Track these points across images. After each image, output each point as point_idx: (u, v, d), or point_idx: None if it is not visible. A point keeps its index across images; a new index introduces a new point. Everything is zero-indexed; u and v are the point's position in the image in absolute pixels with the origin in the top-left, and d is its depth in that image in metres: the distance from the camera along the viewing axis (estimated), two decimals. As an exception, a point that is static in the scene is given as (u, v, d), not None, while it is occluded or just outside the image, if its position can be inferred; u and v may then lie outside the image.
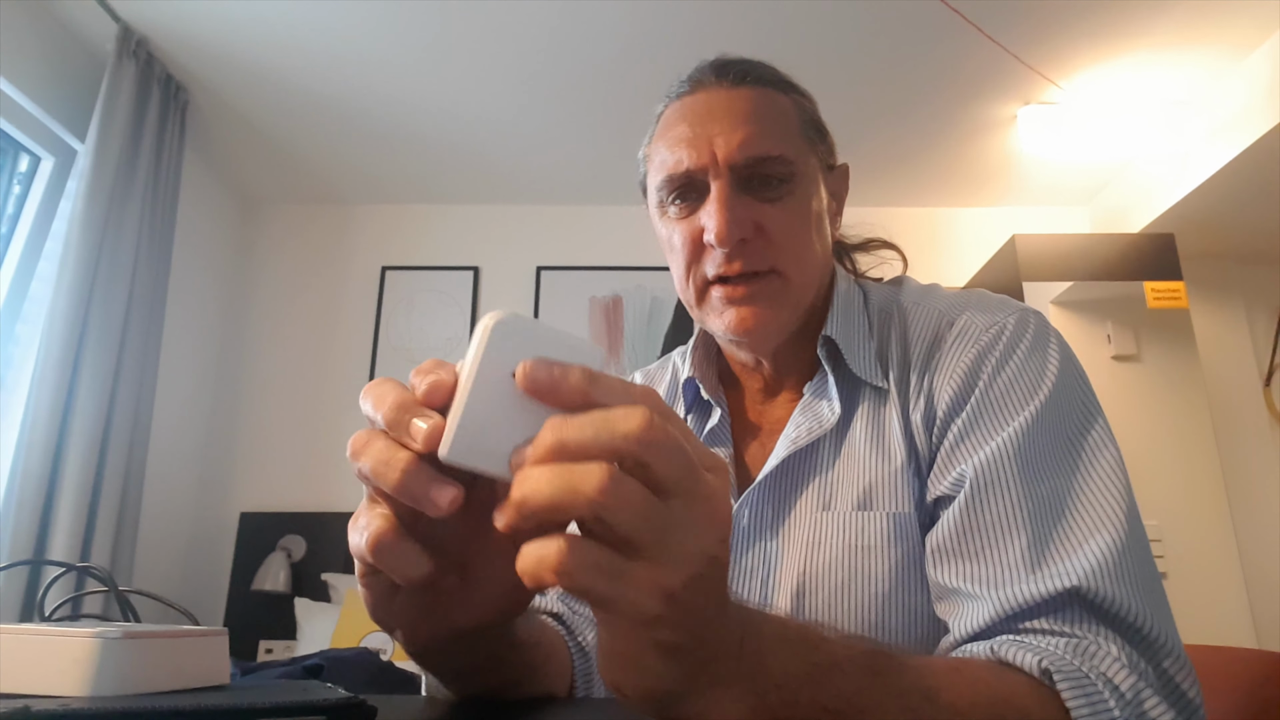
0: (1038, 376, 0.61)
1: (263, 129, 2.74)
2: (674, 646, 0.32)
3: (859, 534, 0.64)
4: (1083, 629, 0.50)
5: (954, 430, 0.62)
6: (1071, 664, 0.46)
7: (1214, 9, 2.13)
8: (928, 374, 0.67)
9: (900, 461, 0.65)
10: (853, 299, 0.75)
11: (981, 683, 0.44)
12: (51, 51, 2.17)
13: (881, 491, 0.65)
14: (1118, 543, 0.52)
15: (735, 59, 0.74)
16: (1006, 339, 0.64)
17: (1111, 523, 0.53)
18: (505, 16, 2.21)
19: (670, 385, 0.85)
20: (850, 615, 0.62)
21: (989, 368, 0.63)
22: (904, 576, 0.62)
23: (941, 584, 0.58)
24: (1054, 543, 0.53)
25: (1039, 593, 0.51)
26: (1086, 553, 0.52)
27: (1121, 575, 0.51)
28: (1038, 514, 0.55)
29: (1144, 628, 0.49)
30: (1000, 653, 0.48)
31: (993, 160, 2.90)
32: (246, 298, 3.12)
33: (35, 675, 0.39)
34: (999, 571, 0.54)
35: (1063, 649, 0.48)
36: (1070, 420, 0.60)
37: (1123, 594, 0.50)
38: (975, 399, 0.62)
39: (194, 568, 2.76)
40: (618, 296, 3.13)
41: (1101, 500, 0.55)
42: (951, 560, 0.57)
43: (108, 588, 0.58)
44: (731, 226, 0.66)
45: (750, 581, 0.68)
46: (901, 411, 0.67)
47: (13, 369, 2.03)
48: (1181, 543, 2.32)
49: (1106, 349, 2.53)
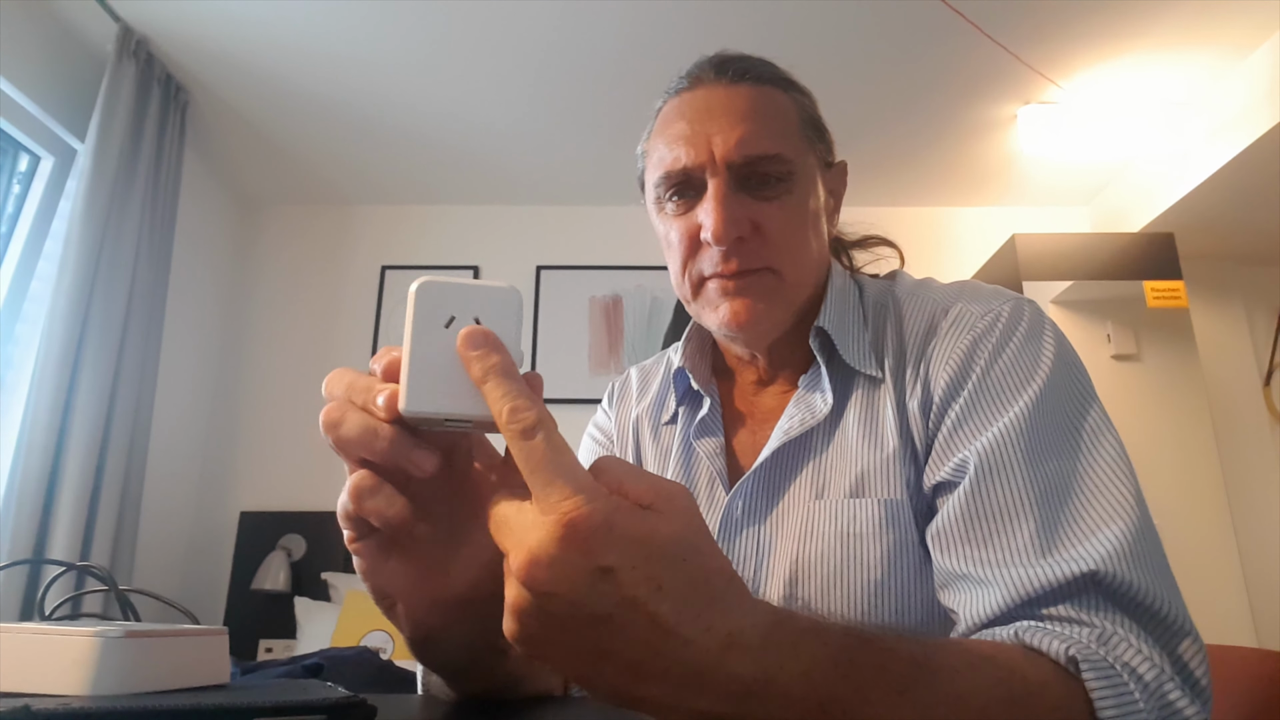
0: (1034, 362, 0.62)
1: (263, 129, 2.74)
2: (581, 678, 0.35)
3: (851, 521, 0.64)
4: (1101, 615, 0.50)
5: (952, 417, 0.62)
6: (1097, 653, 0.46)
7: (1214, 9, 2.13)
8: (923, 362, 0.67)
9: (893, 448, 0.65)
10: (848, 292, 0.76)
11: (1017, 675, 0.43)
12: (51, 51, 2.17)
13: (874, 479, 0.65)
14: (1132, 527, 0.52)
15: (735, 55, 0.74)
16: (1002, 325, 0.64)
17: (1124, 507, 0.53)
18: (505, 17, 2.21)
19: (664, 379, 0.85)
20: (843, 603, 0.63)
21: (985, 353, 0.63)
22: (896, 563, 0.62)
23: (948, 569, 0.57)
24: (1064, 526, 0.53)
25: (1054, 577, 0.51)
26: (1102, 537, 0.51)
27: (1138, 559, 0.51)
28: (1045, 497, 0.55)
29: (1161, 611, 0.49)
30: (1025, 638, 0.48)
31: (993, 160, 2.90)
32: (246, 298, 3.12)
33: (35, 674, 0.39)
34: (1009, 555, 0.54)
35: (1086, 637, 0.47)
36: (1070, 404, 0.60)
37: (1140, 578, 0.50)
38: (973, 385, 0.62)
39: (194, 567, 2.76)
40: (617, 296, 3.13)
41: (1110, 484, 0.55)
42: (958, 545, 0.57)
43: (108, 587, 0.58)
44: (728, 225, 0.66)
45: (743, 570, 0.68)
46: (896, 400, 0.67)
47: (13, 369, 2.03)
48: (1181, 543, 2.32)
49: (1106, 348, 2.54)
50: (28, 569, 1.85)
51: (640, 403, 0.86)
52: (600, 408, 0.91)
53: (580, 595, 0.32)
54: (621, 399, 0.88)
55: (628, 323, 3.10)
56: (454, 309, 0.37)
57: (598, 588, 0.32)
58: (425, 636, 0.46)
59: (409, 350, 0.36)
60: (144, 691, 0.39)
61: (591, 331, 3.08)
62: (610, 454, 0.85)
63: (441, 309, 0.37)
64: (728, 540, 0.70)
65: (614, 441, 0.86)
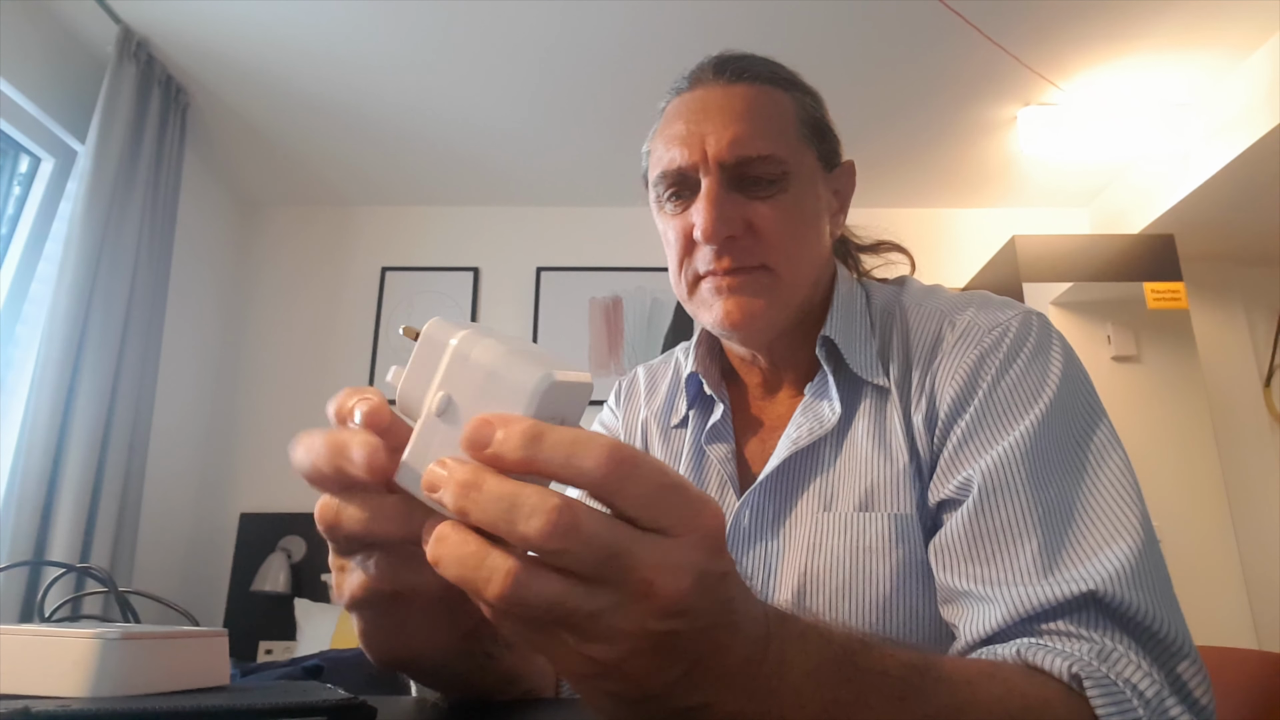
0: (1041, 379, 0.61)
1: (263, 130, 2.74)
2: (620, 696, 0.32)
3: (860, 535, 0.64)
4: (1101, 632, 0.50)
5: (957, 433, 0.62)
6: (1099, 670, 0.46)
7: (1214, 10, 2.13)
8: (929, 374, 0.67)
9: (903, 463, 0.65)
10: (854, 299, 0.75)
11: (1017, 692, 0.44)
12: (52, 53, 2.17)
13: (883, 492, 0.65)
14: (1136, 548, 0.52)
15: (736, 55, 0.74)
16: (1010, 341, 0.64)
17: (1128, 528, 0.53)
18: (505, 18, 2.21)
19: (673, 381, 0.85)
20: (851, 617, 0.62)
21: (992, 370, 0.63)
22: (905, 578, 0.62)
23: (950, 586, 0.58)
24: (1068, 547, 0.53)
25: (1055, 596, 0.51)
26: (1105, 557, 0.52)
27: (1139, 580, 0.51)
28: (1048, 517, 0.55)
29: (1160, 631, 0.49)
30: (1026, 655, 0.48)
31: (993, 161, 2.90)
32: (247, 299, 3.12)
33: (35, 676, 0.39)
34: (1011, 574, 0.54)
35: (1086, 653, 0.48)
36: (1076, 423, 0.60)
37: (1140, 599, 0.50)
38: (979, 402, 0.62)
39: (194, 568, 2.76)
40: (618, 297, 3.13)
41: (1115, 504, 0.55)
42: (961, 563, 0.57)
43: (107, 588, 0.58)
44: (718, 224, 0.67)
45: (750, 582, 0.68)
46: (903, 412, 0.67)
47: (13, 370, 2.03)
48: (1181, 543, 2.32)
49: (1106, 350, 2.54)
50: (28, 570, 1.85)
51: (649, 404, 0.85)
52: (607, 405, 0.91)
53: (709, 605, 0.30)
54: (629, 399, 0.88)
55: (628, 324, 3.10)
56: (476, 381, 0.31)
57: (717, 593, 0.30)
58: (418, 663, 0.46)
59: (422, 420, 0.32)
60: (143, 693, 0.39)
61: (592, 333, 3.08)
62: None
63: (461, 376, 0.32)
64: (735, 551, 0.69)
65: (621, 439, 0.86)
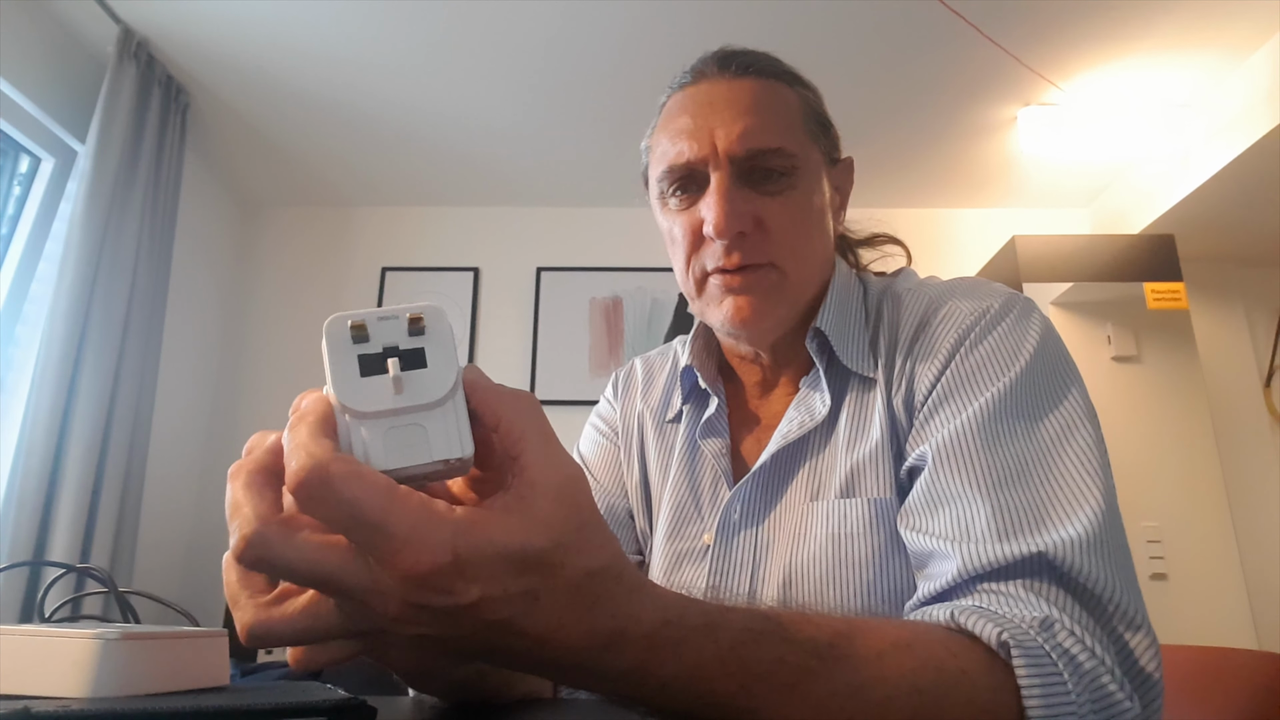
0: (1014, 351, 0.61)
1: (263, 131, 2.74)
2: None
3: (841, 521, 0.64)
4: (1048, 600, 0.49)
5: (928, 406, 0.62)
6: (1034, 640, 0.45)
7: (1214, 10, 2.13)
8: (910, 359, 0.67)
9: (880, 447, 0.65)
10: (851, 291, 0.75)
11: (931, 665, 0.43)
12: (52, 53, 2.17)
13: (862, 478, 0.65)
14: (1095, 518, 0.51)
15: (739, 50, 0.74)
16: (988, 319, 0.64)
17: (1089, 498, 0.53)
18: (505, 19, 2.21)
19: (670, 374, 0.85)
20: (836, 603, 0.63)
21: (966, 345, 0.63)
22: (886, 561, 0.62)
23: (915, 547, 0.58)
24: (1025, 511, 0.53)
25: (1005, 555, 0.51)
26: (1063, 524, 0.51)
27: (1095, 549, 0.50)
28: (1005, 480, 0.54)
29: (1112, 602, 0.49)
30: (959, 619, 0.47)
31: (993, 161, 2.90)
32: (247, 299, 3.12)
33: (35, 676, 0.39)
34: (967, 532, 0.53)
35: (1026, 621, 0.47)
36: (1046, 393, 0.59)
37: (1094, 567, 0.49)
38: (950, 373, 0.62)
39: (194, 568, 2.76)
40: (618, 298, 3.13)
41: (1078, 474, 0.54)
42: (919, 518, 0.58)
43: (107, 589, 0.58)
44: (730, 219, 0.66)
45: (740, 574, 0.68)
46: (885, 397, 0.67)
47: (13, 370, 2.03)
48: (1181, 543, 2.32)
49: (1106, 350, 2.53)
50: (28, 570, 1.85)
51: (645, 398, 0.85)
52: (604, 397, 0.90)
53: (450, 629, 0.31)
54: (626, 390, 0.88)
55: (628, 324, 3.10)
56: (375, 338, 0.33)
57: (462, 622, 0.31)
58: (412, 675, 0.46)
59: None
60: (143, 694, 0.39)
61: (592, 333, 3.08)
62: (614, 445, 0.85)
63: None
64: (725, 543, 0.69)
65: (618, 433, 0.86)
